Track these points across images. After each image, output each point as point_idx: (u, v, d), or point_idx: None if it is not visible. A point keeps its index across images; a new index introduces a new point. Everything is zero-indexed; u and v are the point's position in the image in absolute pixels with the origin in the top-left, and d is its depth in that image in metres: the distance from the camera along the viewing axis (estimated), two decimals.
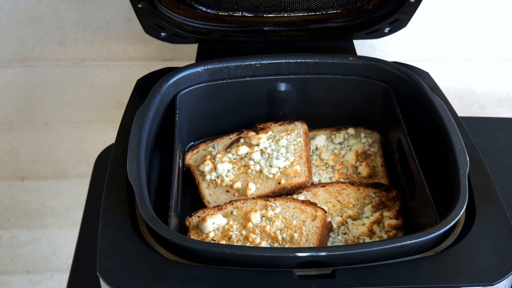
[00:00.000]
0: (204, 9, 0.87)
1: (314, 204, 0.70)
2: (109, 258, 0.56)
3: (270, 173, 0.76)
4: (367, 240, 0.69)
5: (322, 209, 0.69)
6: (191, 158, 0.80)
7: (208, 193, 0.75)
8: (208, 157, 0.79)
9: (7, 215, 1.30)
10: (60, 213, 1.30)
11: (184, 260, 0.56)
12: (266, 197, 0.73)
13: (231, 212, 0.70)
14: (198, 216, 0.70)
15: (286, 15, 0.89)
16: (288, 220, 0.68)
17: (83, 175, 1.21)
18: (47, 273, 1.40)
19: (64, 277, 0.72)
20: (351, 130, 0.85)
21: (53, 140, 1.19)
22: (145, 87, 0.78)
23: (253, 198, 0.72)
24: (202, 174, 0.77)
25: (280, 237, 0.66)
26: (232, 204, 0.71)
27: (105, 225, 0.60)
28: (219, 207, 0.71)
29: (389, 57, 0.88)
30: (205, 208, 0.72)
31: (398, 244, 0.56)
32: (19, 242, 1.34)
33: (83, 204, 0.81)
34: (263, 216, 0.69)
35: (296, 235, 0.66)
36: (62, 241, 1.35)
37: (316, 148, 0.83)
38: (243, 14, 0.88)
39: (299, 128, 0.82)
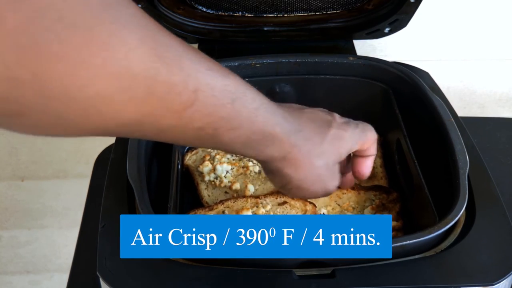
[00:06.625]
0: (204, 9, 0.87)
1: (302, 199, 0.70)
2: (109, 258, 0.56)
3: None
4: None
5: (312, 203, 0.70)
6: (190, 158, 0.80)
7: (206, 194, 0.75)
8: (207, 158, 0.79)
9: (7, 215, 1.30)
10: (60, 213, 1.30)
11: (184, 260, 0.56)
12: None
13: (223, 211, 0.70)
14: None
15: (286, 15, 0.89)
16: None
17: (83, 175, 1.20)
18: (47, 273, 1.40)
19: (64, 277, 0.72)
20: None
21: (53, 140, 1.19)
22: None
23: (244, 197, 0.72)
24: (201, 175, 0.77)
25: None
26: (223, 203, 0.71)
27: (105, 225, 0.60)
28: (210, 207, 0.71)
29: (389, 57, 0.88)
30: (196, 209, 0.71)
31: (398, 244, 0.56)
32: (19, 242, 1.34)
33: (83, 204, 0.81)
34: (255, 213, 0.68)
35: None
36: (62, 241, 1.34)
37: None
38: (243, 14, 0.88)
39: None
